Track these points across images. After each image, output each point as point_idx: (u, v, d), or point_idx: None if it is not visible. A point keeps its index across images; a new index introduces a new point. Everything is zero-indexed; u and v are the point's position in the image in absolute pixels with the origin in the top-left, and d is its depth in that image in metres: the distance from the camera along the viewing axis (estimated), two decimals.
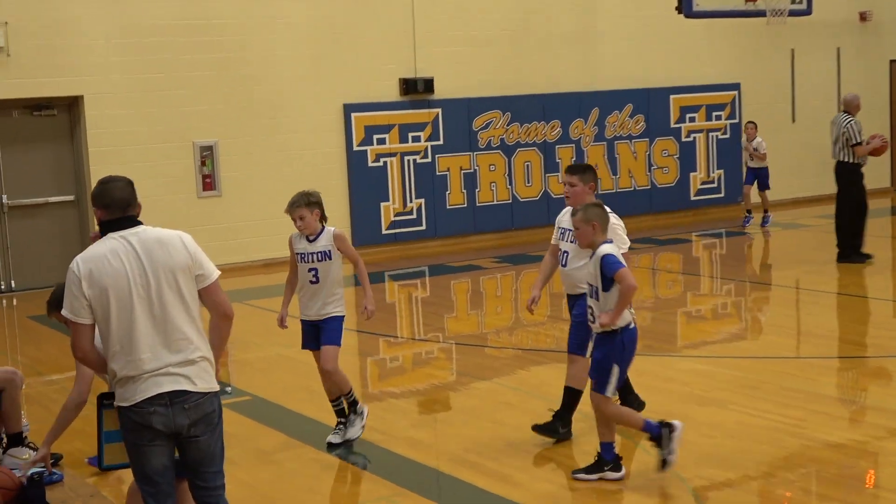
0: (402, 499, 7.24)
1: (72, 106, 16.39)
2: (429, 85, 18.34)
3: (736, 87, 21.32)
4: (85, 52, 16.06)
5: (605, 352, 7.17)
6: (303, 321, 8.21)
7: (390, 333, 12.58)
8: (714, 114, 21.17)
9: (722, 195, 21.26)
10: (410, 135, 18.37)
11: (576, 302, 8.02)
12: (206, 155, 16.88)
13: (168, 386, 5.06)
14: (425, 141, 18.48)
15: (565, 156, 19.59)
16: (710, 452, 7.84)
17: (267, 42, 17.27)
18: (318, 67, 17.67)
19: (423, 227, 18.33)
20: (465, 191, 18.80)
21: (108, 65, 16.21)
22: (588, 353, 7.79)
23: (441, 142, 18.60)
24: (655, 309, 13.35)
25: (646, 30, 20.31)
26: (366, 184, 18.02)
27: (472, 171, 18.84)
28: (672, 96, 20.66)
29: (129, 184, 5.30)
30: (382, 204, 18.17)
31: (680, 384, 9.70)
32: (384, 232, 18.21)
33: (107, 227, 5.19)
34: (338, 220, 17.81)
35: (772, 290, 14.17)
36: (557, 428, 8.04)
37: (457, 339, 12.06)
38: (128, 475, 7.31)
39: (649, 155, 20.52)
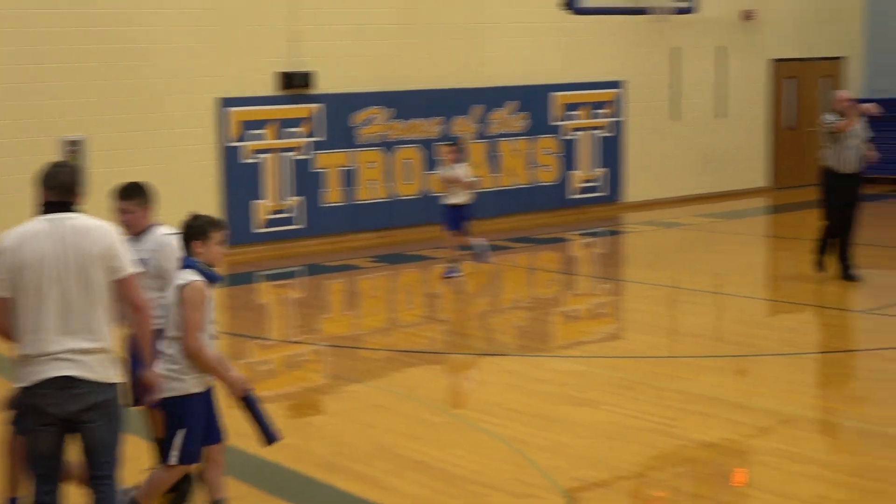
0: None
1: None
2: (309, 79, 17.95)
3: (619, 84, 21.36)
4: None
5: None
6: None
7: (262, 335, 12.20)
8: (597, 112, 21.18)
9: (603, 194, 21.29)
10: (289, 131, 17.97)
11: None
12: (73, 150, 16.27)
13: (64, 370, 5.26)
14: (304, 137, 18.11)
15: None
16: (583, 454, 7.84)
17: (139, 34, 16.67)
18: (192, 60, 17.13)
19: (301, 226, 17.92)
20: (343, 188, 18.46)
21: None
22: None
23: (321, 138, 18.24)
24: (532, 308, 13.27)
25: (531, 26, 20.19)
26: (240, 181, 17.52)
27: (351, 168, 18.51)
28: (555, 93, 20.62)
29: (76, 172, 5.55)
30: (256, 202, 17.67)
31: (554, 385, 9.66)
32: (258, 231, 17.74)
33: (47, 209, 5.41)
34: None
35: (649, 289, 14.11)
36: None
37: (330, 340, 11.78)
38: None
39: (531, 153, 20.43)
